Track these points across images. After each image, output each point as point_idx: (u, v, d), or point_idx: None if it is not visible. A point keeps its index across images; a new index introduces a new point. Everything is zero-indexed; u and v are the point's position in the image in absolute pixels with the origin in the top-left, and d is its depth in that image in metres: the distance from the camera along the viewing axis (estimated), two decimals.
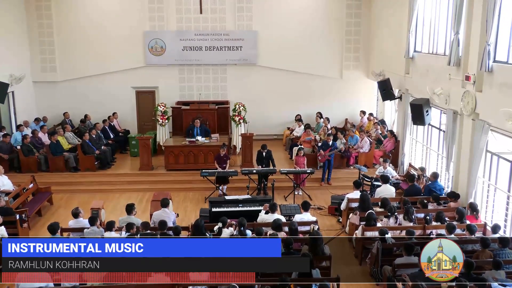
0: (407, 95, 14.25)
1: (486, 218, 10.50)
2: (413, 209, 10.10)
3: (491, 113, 9.77)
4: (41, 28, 17.58)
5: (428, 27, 13.51)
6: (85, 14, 17.69)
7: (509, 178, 9.64)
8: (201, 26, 17.97)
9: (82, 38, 17.83)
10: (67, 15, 17.66)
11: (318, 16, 18.21)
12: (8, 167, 14.19)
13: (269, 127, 18.77)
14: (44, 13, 17.46)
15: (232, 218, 9.79)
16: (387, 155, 14.89)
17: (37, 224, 11.94)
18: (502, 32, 9.76)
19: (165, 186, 14.07)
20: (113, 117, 17.81)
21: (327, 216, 12.45)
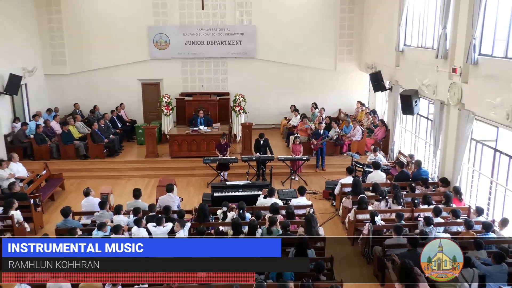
0: (397, 86, 14.26)
1: (470, 201, 10.58)
2: (402, 194, 10.18)
3: (476, 103, 9.80)
4: (51, 23, 17.50)
5: (417, 22, 13.49)
6: (93, 9, 17.59)
7: (492, 164, 9.70)
8: (203, 21, 17.90)
9: (90, 33, 17.76)
10: (76, 10, 17.57)
11: (314, 11, 18.15)
12: (22, 155, 14.23)
13: (268, 117, 18.78)
14: (53, 8, 17.36)
15: (232, 202, 9.87)
16: (378, 143, 14.95)
17: (50, 208, 12.01)
18: (487, 27, 9.75)
19: (169, 172, 14.10)
20: (120, 108, 17.81)
21: (322, 200, 12.53)
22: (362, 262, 9.23)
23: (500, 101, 8.64)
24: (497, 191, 9.66)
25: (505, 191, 9.30)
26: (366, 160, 13.30)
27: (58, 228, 9.13)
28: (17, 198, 10.14)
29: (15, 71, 14.55)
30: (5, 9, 14.68)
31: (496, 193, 9.69)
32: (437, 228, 8.74)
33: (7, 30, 14.72)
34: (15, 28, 15.47)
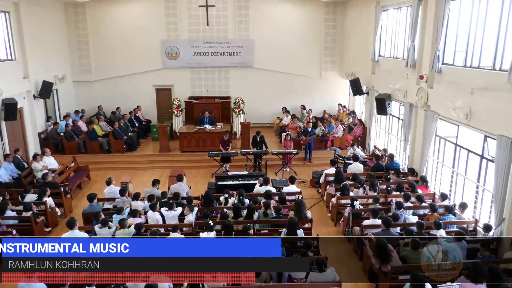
0: (373, 91, 14.24)
1: (435, 188, 10.58)
2: (377, 182, 10.18)
3: (439, 105, 9.80)
4: (79, 37, 17.41)
5: (390, 36, 13.45)
6: (114, 26, 17.50)
7: (453, 157, 9.71)
8: (208, 35, 17.79)
9: (112, 46, 17.67)
10: (99, 27, 17.46)
11: (303, 27, 18.09)
12: (54, 150, 14.18)
13: (263, 117, 18.72)
14: (80, 25, 17.27)
15: (233, 190, 9.85)
16: (357, 139, 14.93)
17: (78, 195, 11.96)
18: (449, 40, 9.75)
19: (180, 164, 14.05)
20: (137, 109, 17.73)
21: (309, 187, 12.51)
22: (344, 240, 9.23)
23: (460, 104, 8.64)
24: (457, 179, 9.67)
25: (464, 180, 9.31)
26: (346, 154, 13.29)
27: (84, 212, 9.09)
28: (50, 187, 10.13)
29: (48, 79, 14.48)
30: (39, 26, 14.56)
31: (456, 181, 9.70)
32: (406, 211, 8.75)
33: (41, 44, 14.61)
34: (48, 42, 15.36)
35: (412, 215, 8.81)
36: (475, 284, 5.88)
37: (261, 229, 8.31)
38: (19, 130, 13.42)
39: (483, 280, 5.90)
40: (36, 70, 14.03)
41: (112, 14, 17.46)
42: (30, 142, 13.79)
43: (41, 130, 14.60)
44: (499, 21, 7.77)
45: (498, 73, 7.71)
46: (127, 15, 17.49)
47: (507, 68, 7.33)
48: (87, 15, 17.24)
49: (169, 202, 8.82)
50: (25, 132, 13.59)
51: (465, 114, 8.55)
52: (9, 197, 9.79)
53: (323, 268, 6.22)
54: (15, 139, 13.19)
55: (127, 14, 17.49)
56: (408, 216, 8.61)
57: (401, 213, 8.48)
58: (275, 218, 8.35)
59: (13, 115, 11.73)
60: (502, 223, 7.58)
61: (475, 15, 8.68)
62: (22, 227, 8.70)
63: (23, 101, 13.44)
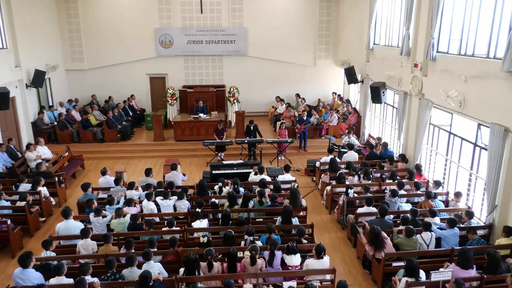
0: (368, 79, 14.22)
1: (428, 176, 10.65)
2: (371, 170, 10.22)
3: (434, 94, 9.81)
4: (70, 25, 17.17)
5: (384, 24, 13.40)
6: (106, 14, 17.28)
7: (447, 145, 9.75)
8: (201, 23, 17.64)
9: (104, 34, 17.47)
10: (91, 14, 17.23)
11: (297, 15, 17.97)
12: (47, 139, 14.09)
13: (258, 106, 18.70)
14: (72, 13, 17.04)
15: (228, 179, 9.85)
16: (351, 128, 14.96)
17: (72, 185, 11.91)
18: (444, 28, 9.71)
19: (174, 153, 14.05)
20: (131, 98, 17.64)
21: (304, 176, 12.54)
22: (338, 228, 9.30)
23: (454, 92, 8.65)
24: (451, 167, 9.73)
25: (458, 167, 9.37)
26: (341, 142, 13.32)
27: (79, 201, 9.07)
28: (44, 176, 10.07)
29: (40, 67, 14.31)
30: (30, 14, 14.33)
31: (450, 169, 9.76)
32: (401, 199, 8.80)
33: (32, 32, 14.40)
34: (39, 31, 15.14)
35: (405, 203, 8.88)
36: (466, 270, 5.95)
37: (256, 217, 8.34)
38: (12, 119, 13.29)
39: (471, 266, 5.98)
40: (27, 59, 13.85)
41: (105, 1, 17.21)
42: (23, 131, 13.67)
43: (33, 119, 14.45)
44: (493, 9, 7.75)
45: (492, 61, 7.71)
46: (119, 2, 17.25)
47: (501, 56, 7.33)
48: (79, 2, 17.00)
49: (164, 191, 8.80)
50: (18, 122, 13.46)
51: (459, 102, 8.57)
52: (3, 187, 9.72)
53: (321, 255, 6.26)
54: (8, 129, 13.08)
55: (120, 0, 17.24)
56: (401, 204, 8.67)
57: (396, 201, 8.54)
58: (270, 206, 8.37)
59: (5, 104, 11.59)
60: (494, 210, 7.66)
61: (470, 3, 8.66)
62: (16, 217, 8.66)
63: (16, 90, 13.28)
